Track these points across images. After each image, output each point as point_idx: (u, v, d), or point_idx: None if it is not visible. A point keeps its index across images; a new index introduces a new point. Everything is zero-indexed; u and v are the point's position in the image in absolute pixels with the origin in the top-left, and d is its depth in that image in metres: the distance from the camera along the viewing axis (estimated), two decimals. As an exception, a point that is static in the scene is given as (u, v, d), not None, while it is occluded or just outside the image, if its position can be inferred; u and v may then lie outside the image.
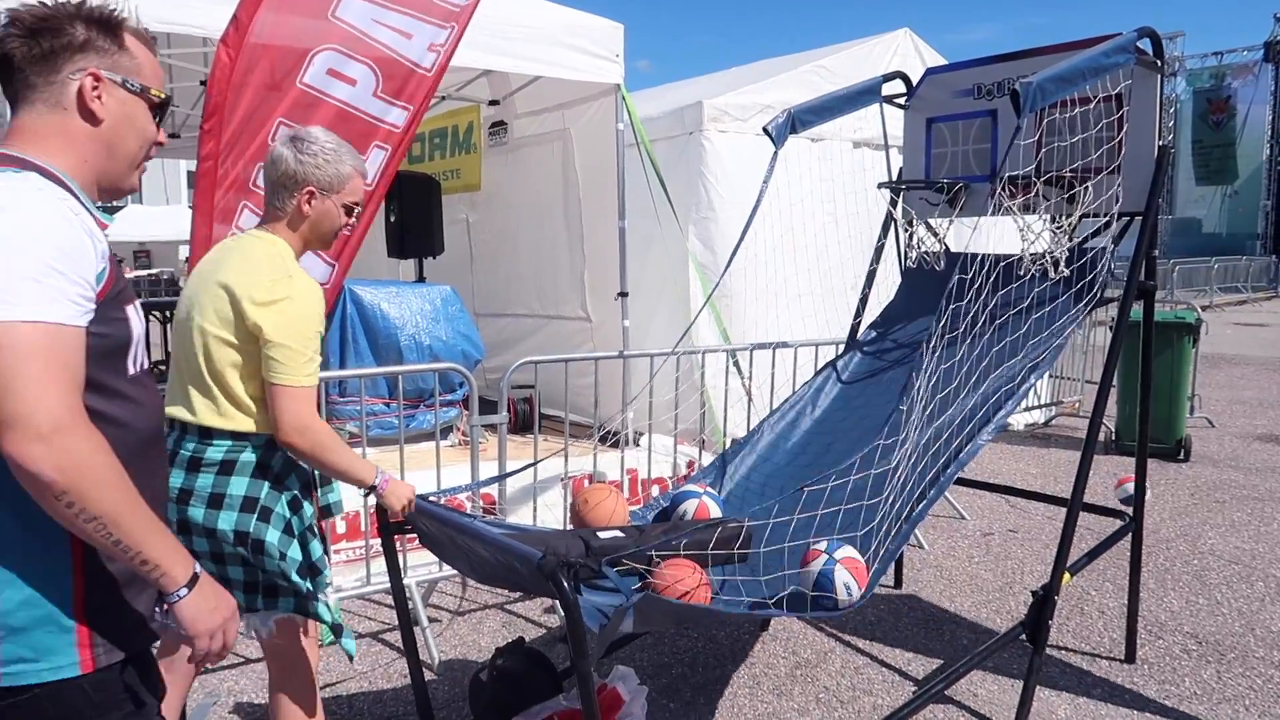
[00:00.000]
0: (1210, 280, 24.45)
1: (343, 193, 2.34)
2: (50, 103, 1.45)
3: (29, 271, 1.29)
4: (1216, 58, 35.06)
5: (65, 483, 1.27)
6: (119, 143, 1.51)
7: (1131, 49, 3.21)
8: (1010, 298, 3.51)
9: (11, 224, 1.30)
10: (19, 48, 1.43)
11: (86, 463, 1.29)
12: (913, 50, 7.39)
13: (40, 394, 1.26)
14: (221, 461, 2.22)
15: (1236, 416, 8.99)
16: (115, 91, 1.49)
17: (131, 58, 1.51)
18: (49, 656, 1.39)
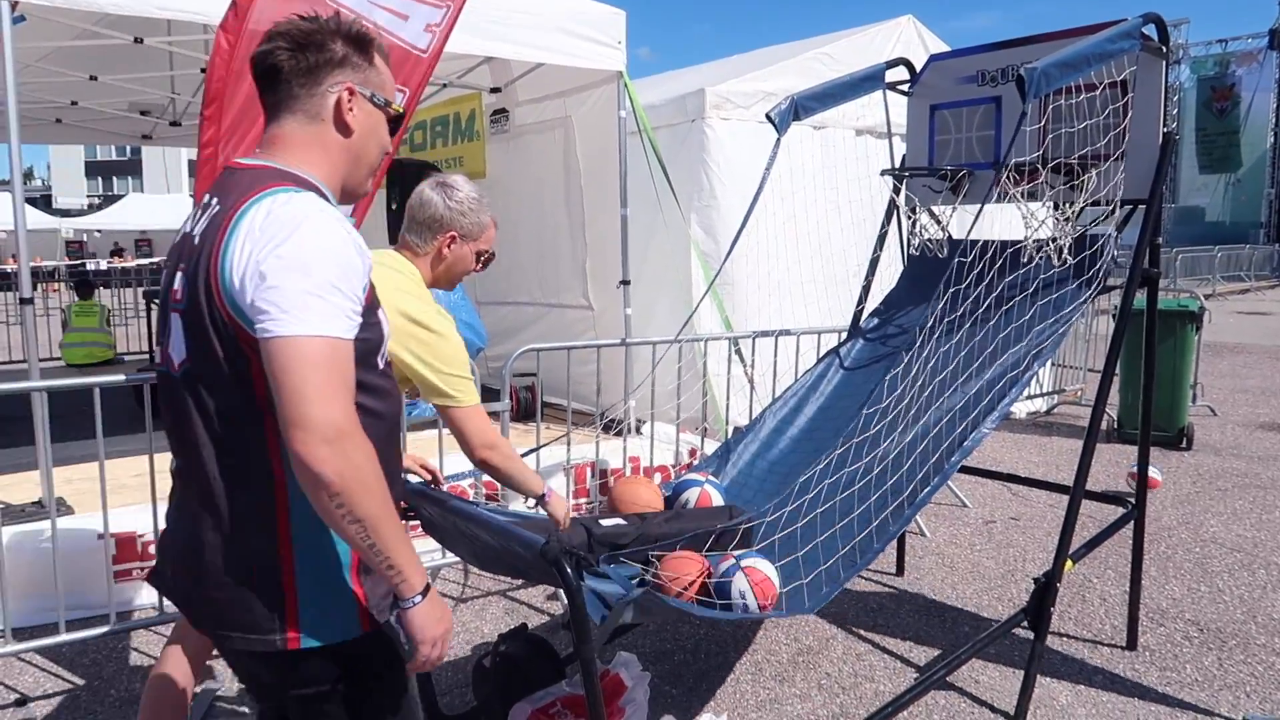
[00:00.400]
0: (1213, 269, 24.39)
1: (479, 240, 2.54)
2: (310, 114, 1.60)
3: (316, 289, 1.42)
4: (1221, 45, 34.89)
5: (341, 485, 1.39)
6: (363, 153, 1.66)
7: (1137, 35, 3.19)
8: (1014, 284, 3.50)
9: (302, 245, 1.43)
10: (287, 60, 1.57)
11: (360, 469, 1.41)
12: (916, 37, 7.36)
13: (327, 402, 1.39)
14: None
15: (1239, 405, 8.98)
16: (364, 105, 1.63)
17: (378, 74, 1.66)
18: (339, 620, 1.57)
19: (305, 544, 1.55)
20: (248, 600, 1.55)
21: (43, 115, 8.76)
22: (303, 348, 1.40)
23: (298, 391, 1.38)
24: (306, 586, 1.56)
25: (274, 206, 1.47)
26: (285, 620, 1.55)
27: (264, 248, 1.43)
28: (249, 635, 1.56)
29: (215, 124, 3.16)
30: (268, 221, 1.45)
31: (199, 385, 1.53)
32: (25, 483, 4.60)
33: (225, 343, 1.48)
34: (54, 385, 3.43)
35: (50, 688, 3.45)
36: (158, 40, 5.83)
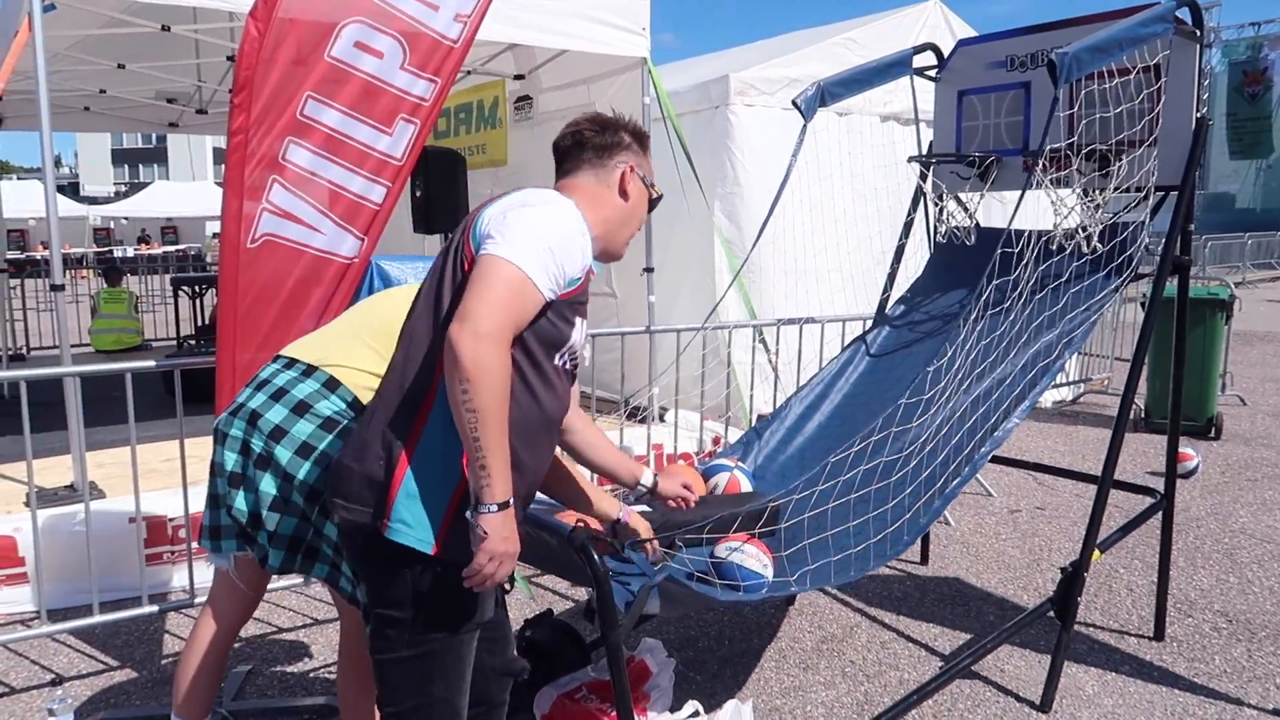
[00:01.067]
0: (1244, 256, 24.03)
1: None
2: (599, 177, 2.08)
3: (536, 241, 1.80)
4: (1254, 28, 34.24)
5: (472, 373, 1.67)
6: (629, 219, 2.12)
7: (1170, 18, 3.15)
8: (1044, 273, 3.47)
9: (544, 213, 1.86)
10: (592, 135, 2.08)
11: (493, 371, 1.69)
12: (942, 22, 7.29)
13: (494, 312, 1.70)
14: (327, 418, 2.25)
15: (1269, 394, 8.87)
16: (638, 183, 2.12)
17: (648, 162, 2.18)
18: (421, 531, 1.81)
19: (428, 448, 1.83)
20: (366, 478, 1.85)
21: (71, 103, 8.85)
22: (503, 267, 1.75)
23: (479, 294, 1.71)
24: (407, 493, 1.81)
25: (533, 190, 1.93)
26: (384, 507, 1.82)
27: (515, 203, 1.86)
28: (354, 506, 1.85)
29: (245, 111, 3.17)
30: (526, 193, 1.91)
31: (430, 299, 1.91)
32: (58, 467, 4.67)
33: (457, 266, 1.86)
34: (86, 370, 3.47)
35: (84, 668, 3.51)
36: (184, 28, 5.87)
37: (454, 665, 1.93)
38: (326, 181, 3.29)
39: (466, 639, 1.94)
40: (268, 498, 2.26)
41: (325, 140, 3.22)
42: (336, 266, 3.37)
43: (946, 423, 3.12)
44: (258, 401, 2.28)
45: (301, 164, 3.22)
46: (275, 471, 2.25)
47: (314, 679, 3.42)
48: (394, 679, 1.95)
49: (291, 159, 3.21)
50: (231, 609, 2.60)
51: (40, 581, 3.54)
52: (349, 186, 3.28)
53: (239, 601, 2.61)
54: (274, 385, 2.30)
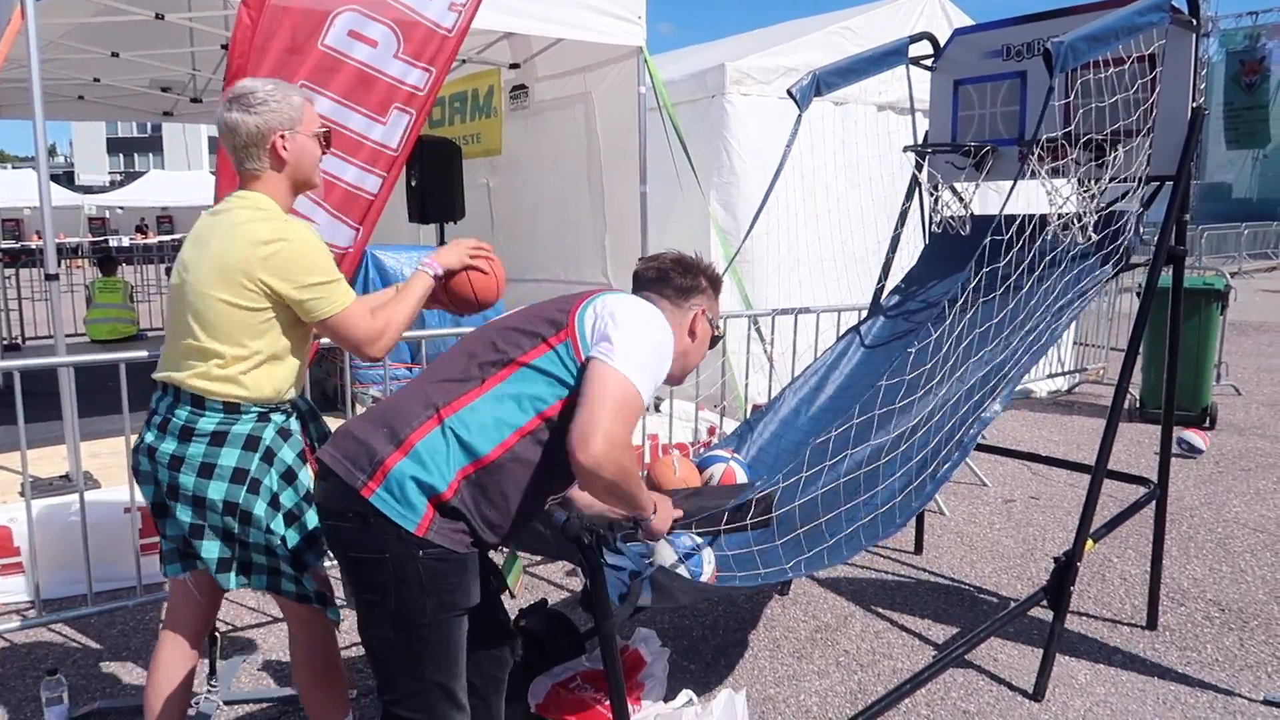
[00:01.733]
0: (1239, 246, 24.05)
1: (306, 123, 2.33)
2: (673, 315, 2.25)
3: (648, 359, 2.01)
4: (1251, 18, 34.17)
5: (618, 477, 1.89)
6: (693, 355, 2.32)
7: (1166, 7, 3.14)
8: (1037, 260, 3.47)
9: (656, 327, 2.09)
10: (676, 276, 2.28)
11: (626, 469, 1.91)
12: (939, 11, 7.27)
13: (618, 426, 1.89)
14: (213, 433, 2.26)
15: (1263, 384, 8.89)
16: (705, 324, 2.32)
17: (717, 306, 2.38)
18: (405, 509, 1.89)
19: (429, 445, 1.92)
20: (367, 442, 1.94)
21: (65, 92, 8.80)
22: (623, 384, 1.92)
23: (605, 408, 1.88)
24: (409, 464, 1.90)
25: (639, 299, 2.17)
26: (375, 471, 1.90)
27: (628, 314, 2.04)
28: (344, 460, 1.93)
29: None
30: (633, 301, 2.12)
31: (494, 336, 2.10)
32: (53, 457, 4.67)
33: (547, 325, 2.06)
34: (81, 361, 3.47)
35: (79, 658, 3.52)
36: (178, 16, 5.84)
37: (443, 648, 1.95)
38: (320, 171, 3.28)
39: (454, 622, 1.96)
40: (186, 525, 2.30)
41: None
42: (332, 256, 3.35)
43: (938, 410, 3.13)
44: (151, 436, 2.31)
45: None
46: (185, 500, 2.27)
47: (309, 668, 3.42)
48: (386, 665, 1.97)
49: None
50: (189, 617, 2.52)
51: (35, 571, 3.54)
52: (343, 176, 3.28)
53: (195, 609, 2.52)
54: (159, 416, 2.31)
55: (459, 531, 1.93)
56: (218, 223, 2.26)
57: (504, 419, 1.95)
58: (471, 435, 1.93)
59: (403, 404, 1.99)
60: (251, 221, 2.21)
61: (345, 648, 3.57)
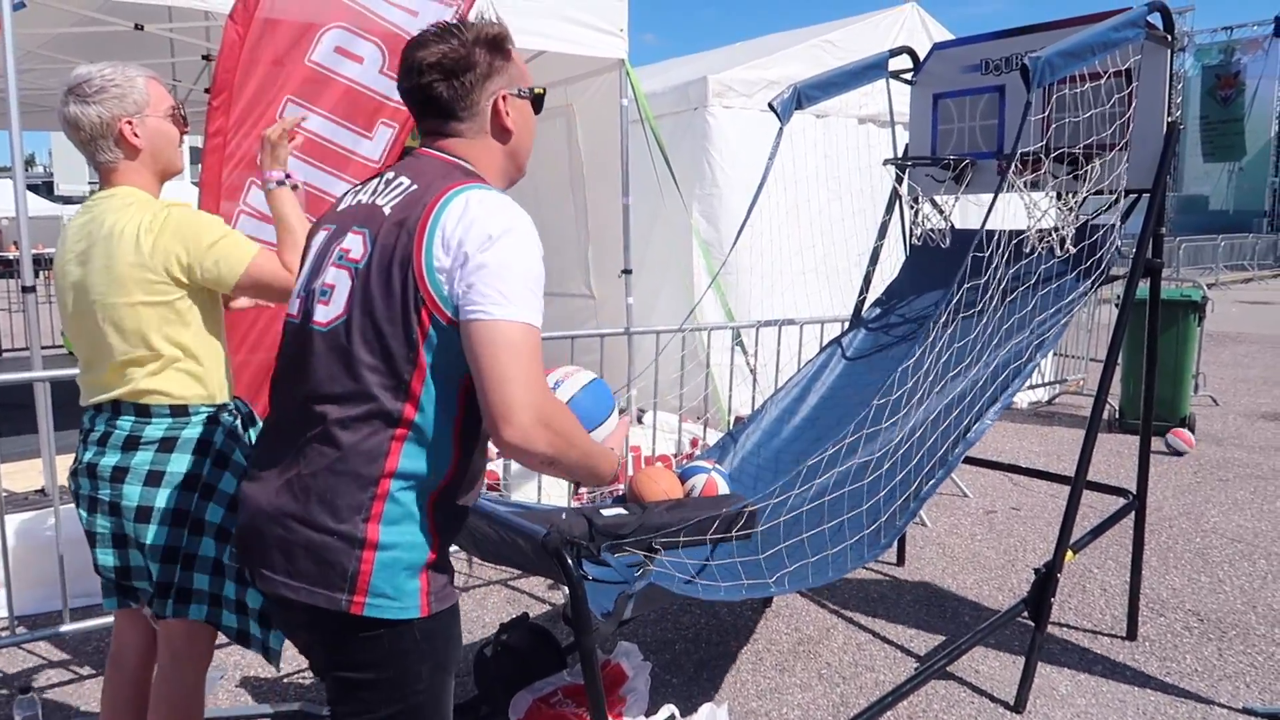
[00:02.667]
0: (1216, 258, 24.33)
1: (154, 105, 2.20)
2: (474, 130, 1.72)
3: (527, 283, 1.57)
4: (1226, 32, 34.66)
5: (554, 454, 1.56)
6: (520, 147, 1.79)
7: (1142, 23, 3.18)
8: (1017, 275, 3.49)
9: (517, 243, 1.58)
10: (444, 89, 1.67)
11: (564, 434, 1.57)
12: (920, 25, 7.33)
13: (533, 388, 1.53)
14: (161, 439, 2.16)
15: (1241, 395, 8.97)
16: (516, 103, 1.75)
17: (515, 65, 1.75)
18: (404, 598, 1.61)
19: (395, 515, 1.61)
20: (327, 553, 1.60)
21: (44, 102, 8.73)
22: (517, 334, 1.53)
23: (510, 377, 1.51)
24: (385, 557, 1.60)
25: (481, 200, 1.60)
26: (356, 584, 1.59)
27: (479, 240, 1.55)
28: (315, 589, 1.60)
29: (225, 113, 3.16)
30: (478, 215, 1.57)
31: (343, 343, 1.61)
32: (29, 471, 4.61)
33: (408, 310, 1.56)
34: (56, 375, 3.43)
35: (54, 676, 3.47)
36: (158, 27, 5.81)
37: (438, 712, 1.75)
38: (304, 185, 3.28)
39: (448, 682, 1.78)
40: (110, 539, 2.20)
41: (306, 145, 3.21)
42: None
43: (920, 426, 3.14)
44: (89, 454, 2.19)
45: None
46: (127, 514, 2.16)
47: (288, 684, 3.40)
48: None
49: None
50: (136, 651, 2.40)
51: (9, 587, 3.49)
52: (331, 191, 3.28)
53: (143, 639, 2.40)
54: (97, 432, 2.19)
55: (447, 583, 1.70)
56: (91, 233, 2.14)
57: (439, 447, 1.62)
58: (421, 486, 1.62)
59: (329, 485, 1.60)
60: (124, 220, 2.10)
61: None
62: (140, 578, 2.26)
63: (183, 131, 2.31)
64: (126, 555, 2.25)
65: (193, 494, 2.19)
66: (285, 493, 1.64)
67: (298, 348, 1.70)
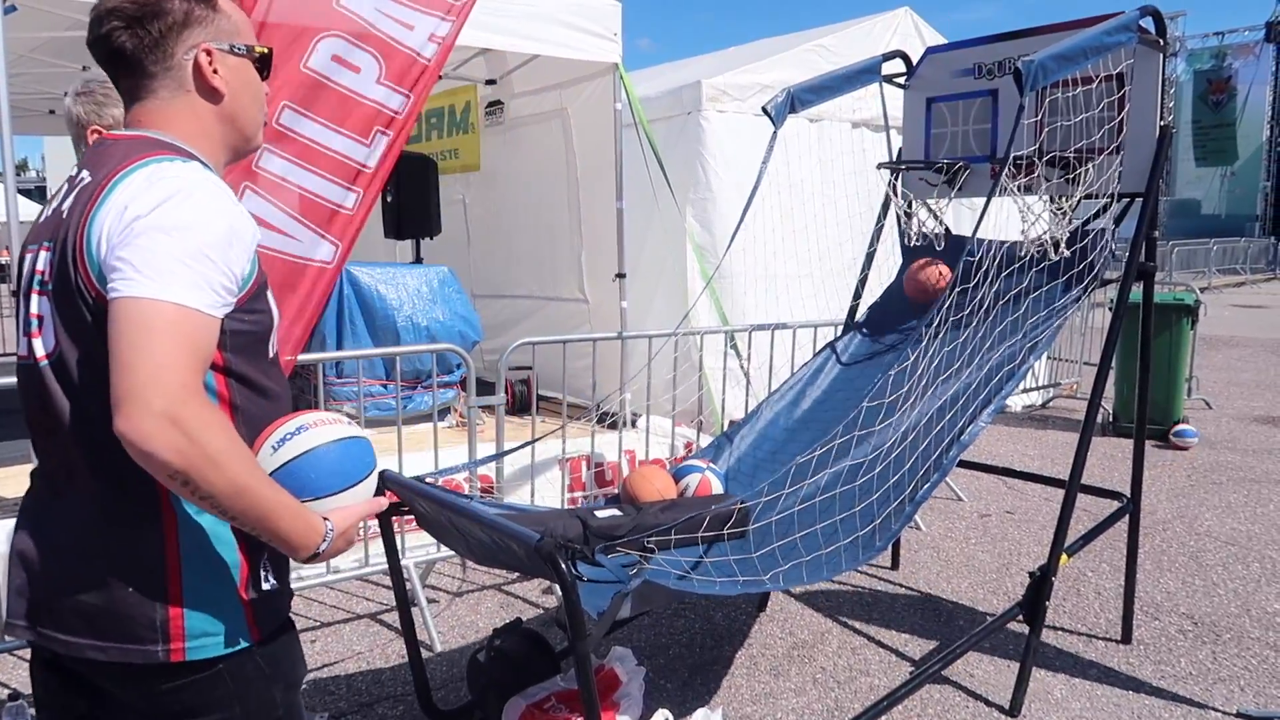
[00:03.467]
0: (1209, 262, 24.42)
1: None
2: (171, 88, 1.47)
3: (182, 254, 1.30)
4: (1218, 37, 34.85)
5: (183, 464, 1.24)
6: (241, 111, 1.53)
7: (1134, 28, 3.19)
8: (1011, 279, 3.50)
9: (178, 208, 1.32)
10: (128, 39, 1.44)
11: (204, 442, 1.25)
12: (913, 29, 7.34)
13: (165, 376, 1.24)
14: None
15: (1234, 398, 9.00)
16: (227, 60, 1.49)
17: (228, 18, 1.51)
18: (229, 629, 1.44)
19: (192, 547, 1.42)
20: (126, 607, 1.39)
21: (36, 107, 8.71)
22: (146, 310, 1.26)
23: (134, 361, 1.24)
24: (193, 594, 1.41)
25: (154, 172, 1.35)
26: (169, 630, 1.40)
27: (136, 210, 1.31)
28: (125, 645, 1.39)
29: None
30: (146, 185, 1.33)
31: (68, 374, 1.39)
32: (18, 476, 4.59)
33: (96, 320, 1.32)
34: (47, 379, 3.41)
35: (44, 682, 3.44)
36: (151, 31, 5.79)
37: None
38: (299, 188, 3.29)
39: (299, 695, 1.63)
40: None
41: (302, 150, 3.23)
42: (313, 271, 3.38)
43: (914, 429, 3.14)
44: None
45: (275, 171, 3.23)
46: None
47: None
48: None
49: (265, 166, 3.20)
50: None
51: (-1, 593, 3.46)
52: (324, 194, 3.28)
53: None
54: None
55: (277, 601, 1.54)
56: None
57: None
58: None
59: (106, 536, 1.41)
60: None
61: (320, 668, 3.53)
62: None
63: None
64: None
65: None
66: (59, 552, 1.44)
67: (35, 391, 1.46)
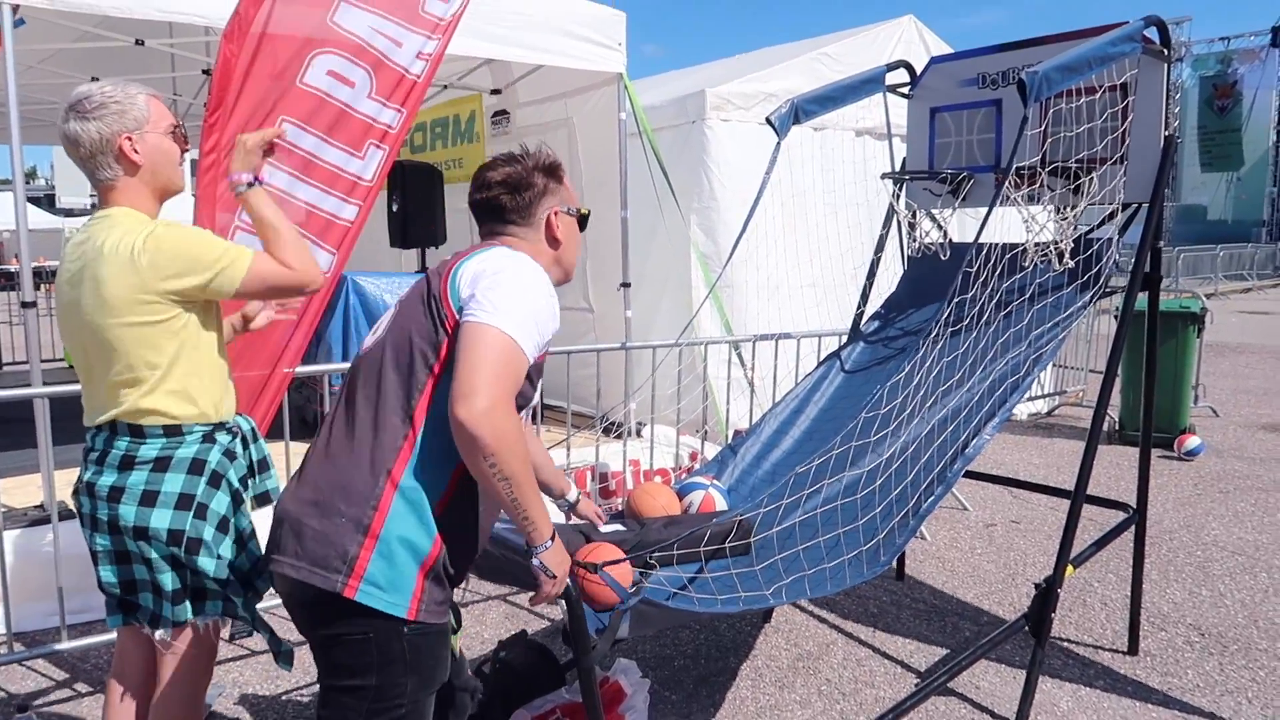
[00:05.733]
0: (1215, 268, 24.35)
1: (154, 121, 2.21)
2: (527, 234, 2.07)
3: (523, 307, 1.83)
4: (1224, 43, 34.76)
5: (495, 446, 1.69)
6: (566, 254, 2.13)
7: (1138, 38, 3.18)
8: (1015, 288, 3.49)
9: (525, 276, 1.89)
10: (507, 200, 2.04)
11: (510, 436, 1.71)
12: (917, 37, 7.35)
13: (495, 384, 1.72)
14: (156, 458, 2.18)
15: (1241, 406, 8.97)
16: (565, 219, 2.11)
17: (568, 190, 2.13)
18: (395, 593, 1.79)
19: (402, 511, 1.79)
20: (330, 538, 1.78)
21: (45, 117, 8.76)
22: (494, 336, 1.76)
23: (475, 366, 1.72)
24: (385, 548, 1.78)
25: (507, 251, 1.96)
26: (354, 566, 1.77)
27: (492, 270, 1.86)
28: (315, 568, 1.77)
29: (219, 131, 3.19)
30: (499, 255, 1.92)
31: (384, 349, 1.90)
32: (28, 486, 4.60)
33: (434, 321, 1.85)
34: (55, 391, 3.43)
35: (53, 693, 3.46)
36: (159, 42, 5.84)
37: None
38: (303, 202, 3.33)
39: (429, 700, 1.90)
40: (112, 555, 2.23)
41: (302, 163, 3.26)
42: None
43: (915, 440, 3.13)
44: (89, 473, 2.22)
45: (280, 186, 3.26)
46: (126, 533, 2.19)
47: (286, 702, 3.38)
48: None
49: (271, 182, 3.24)
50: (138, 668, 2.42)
51: (7, 604, 3.48)
52: (322, 206, 3.32)
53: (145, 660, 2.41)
54: (96, 451, 2.22)
55: (442, 602, 1.87)
56: (85, 254, 2.15)
57: (444, 452, 1.82)
58: (429, 486, 1.83)
59: (347, 476, 1.83)
60: (116, 240, 2.09)
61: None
62: (145, 591, 2.28)
63: (183, 149, 2.32)
64: (130, 570, 2.27)
65: (187, 514, 2.21)
66: (308, 486, 1.86)
67: (351, 373, 1.96)
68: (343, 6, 3.35)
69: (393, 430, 1.82)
